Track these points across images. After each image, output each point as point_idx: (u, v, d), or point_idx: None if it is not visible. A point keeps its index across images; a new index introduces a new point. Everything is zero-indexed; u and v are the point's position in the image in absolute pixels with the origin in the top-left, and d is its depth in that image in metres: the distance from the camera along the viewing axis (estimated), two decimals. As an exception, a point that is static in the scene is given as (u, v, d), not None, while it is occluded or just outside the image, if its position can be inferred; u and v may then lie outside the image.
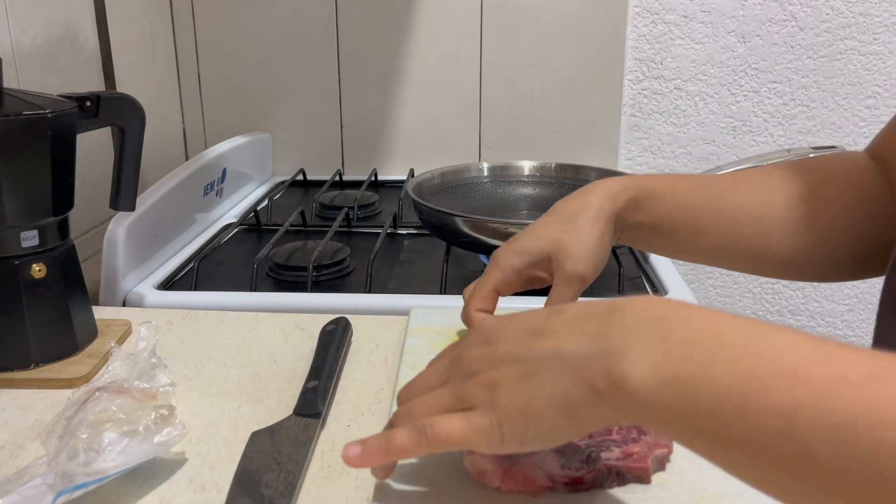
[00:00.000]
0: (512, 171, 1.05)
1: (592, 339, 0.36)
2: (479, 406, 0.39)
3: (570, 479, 0.45)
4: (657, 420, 0.34)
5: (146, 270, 0.87)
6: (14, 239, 0.60)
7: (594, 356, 0.36)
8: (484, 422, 0.38)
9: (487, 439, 0.38)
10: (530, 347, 0.39)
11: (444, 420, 0.39)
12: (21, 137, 0.58)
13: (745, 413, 0.31)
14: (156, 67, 1.21)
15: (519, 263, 0.58)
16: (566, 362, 0.37)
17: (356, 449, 0.41)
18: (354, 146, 1.33)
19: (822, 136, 1.32)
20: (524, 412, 0.37)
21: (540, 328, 0.39)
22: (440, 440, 0.39)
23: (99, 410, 0.47)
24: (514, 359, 0.39)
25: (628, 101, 1.31)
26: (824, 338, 0.32)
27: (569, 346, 0.37)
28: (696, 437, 0.33)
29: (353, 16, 1.26)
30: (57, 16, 0.90)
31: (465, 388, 0.40)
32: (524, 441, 0.38)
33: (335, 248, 0.91)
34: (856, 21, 1.25)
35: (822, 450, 0.29)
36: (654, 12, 1.27)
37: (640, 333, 0.35)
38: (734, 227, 0.59)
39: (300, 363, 0.64)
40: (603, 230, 0.57)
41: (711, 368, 0.32)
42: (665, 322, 0.35)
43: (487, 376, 0.40)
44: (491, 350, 0.41)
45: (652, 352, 0.34)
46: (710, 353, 0.33)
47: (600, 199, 0.58)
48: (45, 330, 0.62)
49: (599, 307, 0.38)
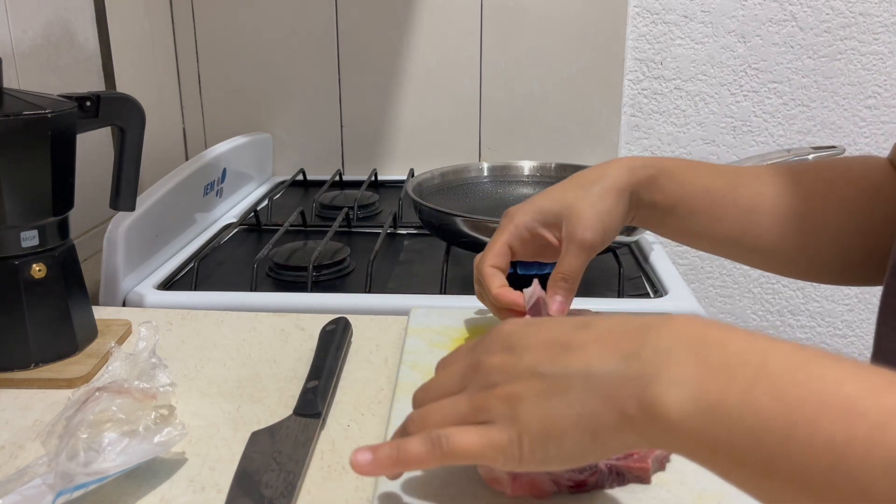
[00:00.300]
0: (512, 171, 1.05)
1: (625, 358, 0.34)
2: (497, 420, 0.37)
3: (574, 482, 0.45)
4: (694, 449, 0.32)
5: (146, 270, 0.87)
6: (14, 239, 0.60)
7: (626, 378, 0.34)
8: (502, 437, 0.37)
9: (505, 456, 0.37)
10: (557, 362, 0.37)
11: (461, 433, 0.38)
12: (21, 137, 0.58)
13: (790, 445, 0.29)
14: (156, 67, 1.20)
15: (531, 220, 0.58)
16: (595, 382, 0.35)
17: (366, 456, 0.39)
18: (354, 146, 1.33)
19: (822, 136, 1.32)
20: (546, 431, 0.36)
21: (567, 341, 0.37)
22: (455, 454, 0.37)
23: (99, 410, 0.47)
24: (538, 373, 0.37)
25: (628, 101, 1.31)
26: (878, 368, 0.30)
27: (599, 364, 0.35)
28: (737, 468, 0.31)
29: (353, 16, 1.26)
30: (57, 16, 0.90)
31: (483, 398, 0.38)
32: (545, 461, 0.36)
33: (335, 248, 0.91)
34: (856, 21, 1.25)
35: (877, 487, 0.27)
36: (654, 12, 1.27)
37: (676, 355, 0.33)
38: (749, 216, 0.59)
39: (300, 363, 0.64)
40: (616, 201, 0.57)
41: (754, 396, 0.30)
42: (703, 344, 0.33)
43: (509, 389, 0.37)
44: (514, 360, 0.39)
45: (690, 376, 0.32)
46: (752, 380, 0.31)
47: (619, 171, 0.59)
48: (45, 330, 0.62)
49: (633, 324, 0.36)
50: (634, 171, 0.59)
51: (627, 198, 0.59)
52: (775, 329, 1.42)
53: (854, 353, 1.42)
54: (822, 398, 0.29)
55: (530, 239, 0.59)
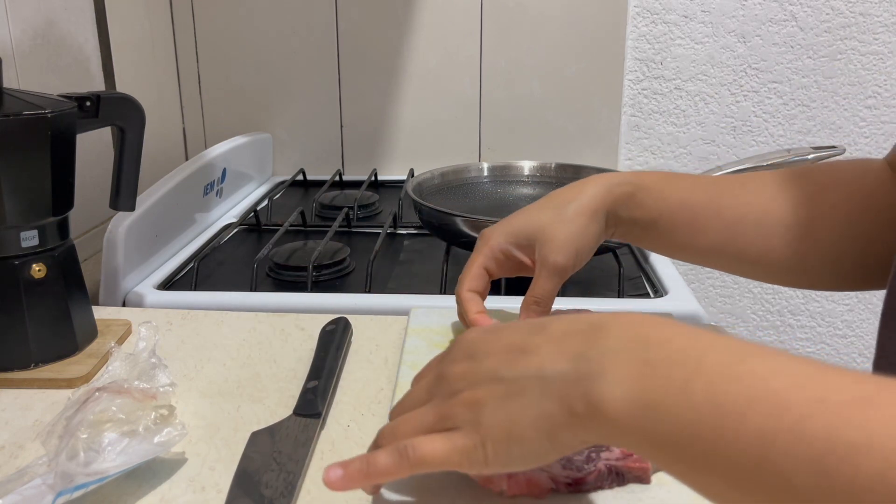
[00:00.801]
0: (512, 171, 1.05)
1: (574, 359, 0.36)
2: (462, 426, 0.38)
3: (573, 480, 0.45)
4: (637, 444, 0.33)
5: (146, 270, 0.87)
6: (14, 239, 0.60)
7: (575, 378, 0.35)
8: (467, 442, 0.38)
9: (470, 460, 0.38)
10: (513, 366, 0.38)
11: (427, 441, 0.39)
12: (21, 137, 0.58)
13: (722, 439, 0.30)
14: (156, 67, 1.21)
15: (504, 242, 0.58)
16: (548, 384, 0.36)
17: (337, 472, 0.40)
18: (354, 146, 1.33)
19: (822, 136, 1.32)
20: (507, 433, 0.37)
21: (524, 345, 0.39)
22: (422, 462, 0.38)
23: (99, 410, 0.47)
24: (497, 377, 0.38)
25: (628, 101, 1.31)
26: (813, 360, 0.31)
27: (552, 366, 0.36)
28: (675, 461, 0.32)
29: (353, 16, 1.26)
30: (57, 16, 0.90)
31: (448, 406, 0.39)
32: (508, 462, 0.37)
33: (335, 248, 0.91)
34: (856, 21, 1.25)
35: (800, 477, 0.28)
36: (654, 12, 1.27)
37: (620, 354, 0.34)
38: (734, 227, 0.58)
39: (300, 363, 0.64)
40: (588, 222, 0.57)
41: (690, 392, 0.31)
42: (647, 342, 0.34)
43: (470, 395, 0.39)
44: (474, 366, 0.40)
45: (632, 374, 0.33)
46: (689, 376, 0.32)
47: (594, 190, 0.58)
48: (45, 330, 0.62)
49: (583, 324, 0.38)
50: (611, 189, 0.58)
51: (603, 217, 0.58)
52: (775, 329, 1.42)
53: (854, 353, 1.42)
54: (752, 392, 0.30)
55: (505, 260, 0.59)
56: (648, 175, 0.60)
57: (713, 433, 0.30)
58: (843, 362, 1.43)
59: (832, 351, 1.43)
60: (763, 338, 1.43)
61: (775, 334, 1.42)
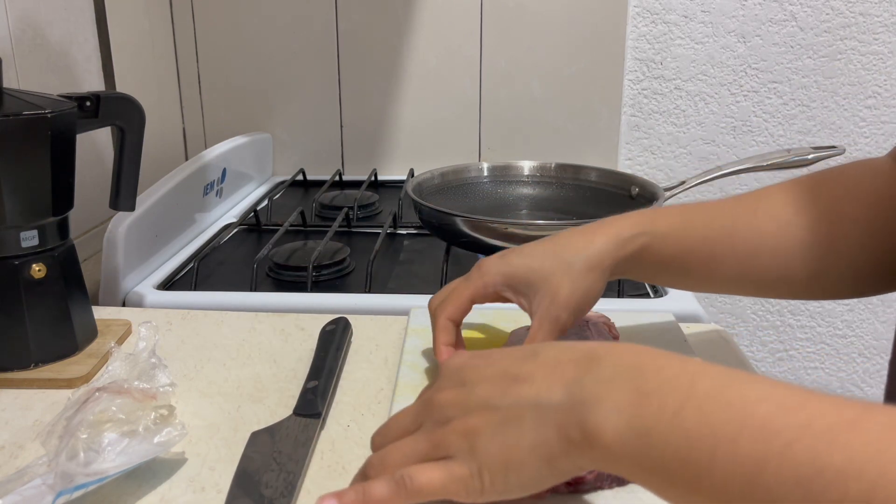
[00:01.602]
0: (512, 171, 1.05)
1: (569, 387, 0.36)
2: (457, 454, 0.38)
3: (572, 480, 0.45)
4: (632, 471, 0.34)
5: (146, 270, 0.87)
6: (14, 239, 0.60)
7: (570, 406, 0.35)
8: (464, 471, 0.37)
9: (468, 489, 0.38)
10: (508, 394, 0.38)
11: (423, 470, 0.38)
12: (21, 137, 0.58)
13: (713, 463, 0.30)
14: (156, 67, 1.21)
15: (501, 283, 0.56)
16: (544, 412, 0.36)
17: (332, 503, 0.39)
18: (354, 146, 1.33)
19: (822, 136, 1.32)
20: (505, 462, 0.37)
21: (517, 373, 0.39)
22: (420, 491, 0.38)
23: (99, 410, 0.47)
24: (491, 405, 0.38)
25: (628, 101, 1.31)
26: (801, 387, 0.31)
27: (547, 394, 0.37)
28: (669, 486, 0.32)
29: (353, 16, 1.26)
30: (57, 16, 0.90)
31: (441, 434, 0.39)
32: (506, 490, 0.37)
33: (335, 248, 0.91)
34: (856, 21, 1.25)
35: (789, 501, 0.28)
36: (654, 12, 1.27)
37: (615, 383, 0.35)
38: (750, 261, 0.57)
39: (300, 363, 0.64)
40: (596, 279, 0.55)
41: (682, 418, 0.32)
42: (640, 371, 0.35)
43: (464, 423, 0.39)
44: (466, 393, 0.40)
45: (625, 403, 0.34)
46: (681, 403, 0.32)
47: (605, 242, 0.55)
48: (45, 330, 0.62)
49: (576, 352, 0.38)
50: (623, 243, 0.56)
51: (609, 272, 0.56)
52: (775, 329, 1.42)
53: (854, 353, 1.42)
54: (743, 418, 0.31)
55: (495, 297, 0.57)
56: (664, 218, 0.58)
57: (706, 458, 0.31)
58: (843, 362, 1.44)
59: (832, 351, 1.43)
60: (763, 338, 1.43)
61: (775, 334, 1.42)
